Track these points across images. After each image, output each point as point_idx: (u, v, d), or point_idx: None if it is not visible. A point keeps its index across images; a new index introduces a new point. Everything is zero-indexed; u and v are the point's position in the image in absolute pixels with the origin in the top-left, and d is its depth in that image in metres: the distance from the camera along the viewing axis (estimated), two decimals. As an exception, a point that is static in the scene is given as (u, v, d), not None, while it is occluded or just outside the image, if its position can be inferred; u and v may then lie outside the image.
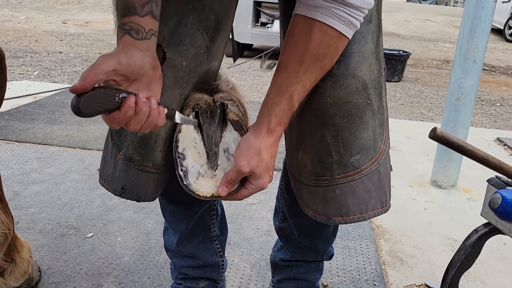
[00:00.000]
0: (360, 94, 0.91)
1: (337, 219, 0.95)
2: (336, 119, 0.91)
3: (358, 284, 1.54)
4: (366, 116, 0.92)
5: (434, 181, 2.44)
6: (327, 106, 0.90)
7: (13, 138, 2.66)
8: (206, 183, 0.92)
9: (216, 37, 0.93)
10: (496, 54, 8.89)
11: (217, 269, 1.26)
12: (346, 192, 0.93)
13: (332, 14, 0.80)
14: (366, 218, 0.95)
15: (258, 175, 0.88)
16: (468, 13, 2.19)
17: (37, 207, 1.90)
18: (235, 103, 0.96)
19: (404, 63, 5.50)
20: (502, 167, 1.03)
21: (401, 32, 11.07)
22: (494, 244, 1.83)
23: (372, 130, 0.93)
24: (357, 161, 0.92)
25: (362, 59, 0.90)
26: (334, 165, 0.92)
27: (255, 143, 0.87)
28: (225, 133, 0.95)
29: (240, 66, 5.54)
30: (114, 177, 0.97)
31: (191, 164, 0.92)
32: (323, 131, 0.92)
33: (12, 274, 1.29)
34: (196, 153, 0.93)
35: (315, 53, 0.83)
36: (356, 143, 0.92)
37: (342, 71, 0.89)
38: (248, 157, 0.87)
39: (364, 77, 0.91)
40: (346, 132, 0.91)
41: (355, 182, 0.93)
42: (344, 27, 0.82)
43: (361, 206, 0.94)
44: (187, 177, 0.91)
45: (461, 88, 2.26)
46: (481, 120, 4.13)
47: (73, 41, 6.86)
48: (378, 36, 0.94)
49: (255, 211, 1.99)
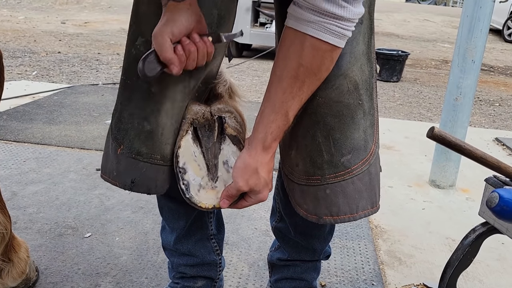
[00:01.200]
0: (352, 94, 0.91)
1: (328, 219, 0.96)
2: (327, 119, 0.91)
3: (356, 284, 1.54)
4: (357, 116, 0.92)
5: (432, 181, 2.44)
6: (318, 106, 0.91)
7: (11, 138, 2.66)
8: (207, 195, 0.95)
9: (219, 32, 0.92)
10: (494, 54, 8.90)
11: (215, 268, 1.26)
12: (337, 192, 0.94)
13: (324, 28, 0.81)
14: (357, 218, 0.96)
15: (257, 191, 0.91)
16: (466, 13, 2.19)
17: (35, 207, 1.90)
18: (233, 115, 0.98)
19: (403, 63, 5.51)
20: (500, 166, 1.03)
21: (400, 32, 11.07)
22: (492, 244, 1.83)
23: (363, 130, 0.93)
24: (348, 161, 0.93)
25: (354, 60, 0.91)
26: (325, 165, 0.93)
27: (251, 162, 0.89)
28: (223, 145, 0.97)
29: (239, 66, 5.54)
30: (120, 172, 0.98)
31: (192, 177, 0.95)
32: (315, 130, 0.92)
33: (10, 274, 1.29)
34: (197, 166, 0.95)
35: (310, 68, 0.84)
36: (347, 143, 0.92)
37: (333, 71, 0.89)
38: (246, 176, 0.89)
39: (356, 77, 0.91)
40: (337, 132, 0.91)
41: (346, 182, 0.93)
42: (337, 40, 0.82)
43: (352, 206, 0.95)
44: (189, 190, 0.94)
45: (459, 88, 2.27)
46: (479, 120, 4.14)
47: (71, 41, 6.86)
48: (370, 37, 0.94)
49: (253, 211, 1.99)
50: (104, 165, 1.03)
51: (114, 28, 8.59)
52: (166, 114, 0.93)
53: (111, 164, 1.00)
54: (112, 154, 0.99)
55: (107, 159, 1.02)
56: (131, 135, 0.95)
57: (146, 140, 0.94)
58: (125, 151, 0.96)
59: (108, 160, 1.01)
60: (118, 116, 0.97)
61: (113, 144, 0.98)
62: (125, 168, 0.97)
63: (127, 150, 0.95)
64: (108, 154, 1.01)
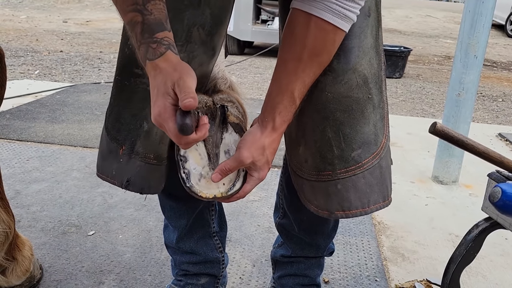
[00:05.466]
0: (361, 89, 0.90)
1: (340, 214, 0.95)
2: (336, 114, 0.91)
3: (360, 280, 1.54)
4: (367, 110, 0.92)
5: (435, 177, 2.43)
6: (327, 101, 0.90)
7: (14, 137, 2.67)
8: (208, 184, 0.93)
9: (213, 31, 0.92)
10: (497, 49, 8.87)
11: (218, 265, 1.26)
12: (348, 187, 0.93)
13: (326, 8, 0.80)
14: (369, 212, 0.96)
15: (259, 167, 0.90)
16: (468, 8, 2.18)
17: (39, 205, 1.90)
18: (235, 105, 0.97)
19: (405, 59, 5.49)
20: (503, 161, 1.02)
21: (402, 29, 11.04)
22: (496, 240, 1.82)
23: (373, 124, 0.93)
24: (359, 155, 0.92)
25: (362, 54, 0.90)
26: (335, 160, 0.92)
27: (261, 138, 0.89)
28: (225, 134, 0.96)
29: (240, 64, 5.53)
30: (118, 171, 0.99)
31: (193, 166, 0.93)
32: (324, 126, 0.92)
33: (14, 272, 1.29)
34: (198, 155, 0.94)
35: (313, 49, 0.83)
36: (358, 137, 0.92)
37: (342, 66, 0.89)
38: (252, 149, 0.88)
39: (365, 71, 0.90)
40: (347, 127, 0.91)
41: (357, 176, 0.93)
42: (339, 20, 0.81)
43: (363, 200, 0.94)
44: (189, 179, 0.93)
45: (462, 84, 2.26)
46: (482, 116, 4.12)
47: (73, 40, 6.87)
48: (378, 30, 0.94)
49: (256, 208, 1.99)
50: (100, 164, 1.04)
51: (115, 26, 8.59)
52: None
53: (110, 164, 1.00)
54: (109, 153, 1.00)
55: (103, 158, 1.03)
56: (133, 136, 0.95)
57: (144, 140, 0.95)
58: (126, 152, 0.96)
59: (105, 159, 1.02)
60: (115, 116, 0.97)
61: (111, 145, 0.98)
62: (123, 167, 0.98)
63: (128, 151, 0.96)
64: (104, 153, 1.02)
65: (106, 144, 1.01)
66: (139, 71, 0.92)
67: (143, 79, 0.92)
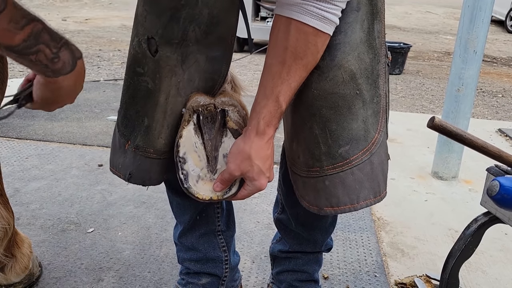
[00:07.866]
0: (347, 85, 0.90)
1: (328, 210, 0.96)
2: (323, 110, 0.91)
3: (359, 276, 1.54)
4: (355, 106, 0.91)
5: (435, 173, 2.43)
6: (314, 98, 0.91)
7: (14, 135, 2.67)
8: (206, 186, 0.96)
9: (210, 30, 0.92)
10: (497, 45, 8.85)
11: (220, 264, 1.24)
12: (336, 183, 0.93)
13: (304, 11, 0.81)
14: (358, 208, 0.96)
15: (252, 178, 0.91)
16: (468, 3, 2.17)
17: (38, 203, 1.90)
18: (236, 108, 0.98)
19: (405, 55, 5.48)
20: (502, 155, 1.02)
21: (402, 25, 11.02)
22: (495, 234, 1.82)
23: (363, 120, 0.92)
24: (346, 152, 0.92)
25: (349, 49, 0.89)
26: (323, 157, 0.93)
27: (245, 148, 0.90)
28: (225, 138, 0.97)
29: (240, 61, 5.53)
30: (123, 165, 1.03)
31: (191, 168, 0.96)
32: (312, 123, 0.92)
33: (13, 270, 1.29)
34: (197, 157, 0.96)
35: (295, 52, 0.84)
36: (344, 134, 0.92)
37: (327, 63, 0.89)
38: (237, 162, 0.90)
39: (352, 67, 0.90)
40: (333, 124, 0.91)
41: (345, 173, 0.93)
42: (318, 23, 0.82)
43: (352, 197, 0.94)
44: (187, 180, 0.95)
45: (461, 79, 2.25)
46: (482, 112, 4.12)
47: (73, 38, 6.84)
48: (372, 23, 0.92)
49: (255, 205, 1.99)
50: (112, 159, 1.08)
51: (115, 24, 8.58)
52: (160, 109, 0.95)
53: (118, 158, 1.05)
54: (119, 148, 1.04)
55: (114, 152, 1.07)
56: (136, 131, 0.99)
57: (144, 135, 0.98)
58: (130, 146, 1.00)
59: (115, 154, 1.06)
60: (123, 113, 1.01)
61: (121, 140, 1.03)
62: (128, 161, 1.02)
63: (132, 145, 1.00)
64: (115, 148, 1.06)
65: (117, 139, 1.05)
66: (140, 70, 0.94)
67: (144, 78, 0.94)
